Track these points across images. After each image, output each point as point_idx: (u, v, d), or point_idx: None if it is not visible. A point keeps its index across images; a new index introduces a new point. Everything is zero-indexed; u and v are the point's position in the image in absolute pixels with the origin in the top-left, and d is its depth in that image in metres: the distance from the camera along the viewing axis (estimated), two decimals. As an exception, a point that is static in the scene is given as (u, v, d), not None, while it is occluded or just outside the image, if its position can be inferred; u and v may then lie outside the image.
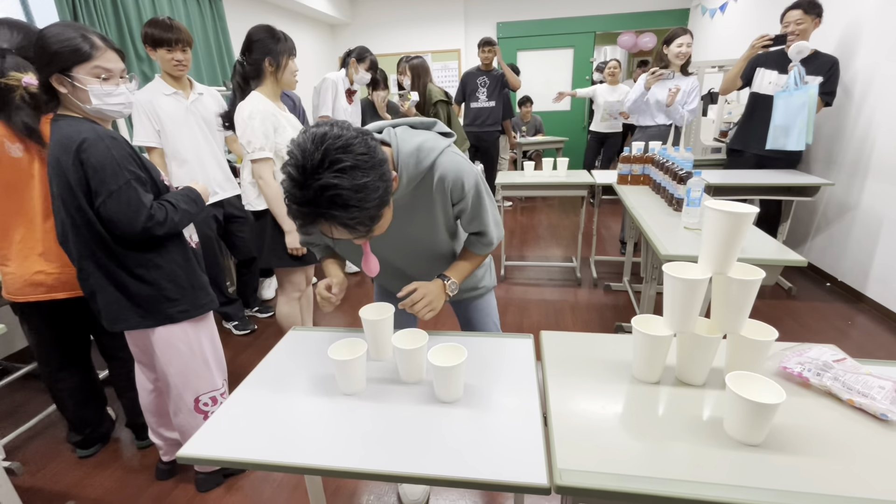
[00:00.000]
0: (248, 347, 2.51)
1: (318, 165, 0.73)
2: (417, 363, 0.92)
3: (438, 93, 3.17)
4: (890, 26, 2.50)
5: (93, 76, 1.17)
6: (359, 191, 0.75)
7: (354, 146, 0.75)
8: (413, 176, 0.94)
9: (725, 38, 4.58)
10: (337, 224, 0.78)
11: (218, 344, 1.50)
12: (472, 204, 1.03)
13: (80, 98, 1.18)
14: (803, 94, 2.47)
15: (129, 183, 1.19)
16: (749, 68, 2.79)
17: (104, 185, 1.16)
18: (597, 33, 5.90)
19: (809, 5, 2.50)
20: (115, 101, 1.22)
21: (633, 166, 2.64)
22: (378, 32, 6.24)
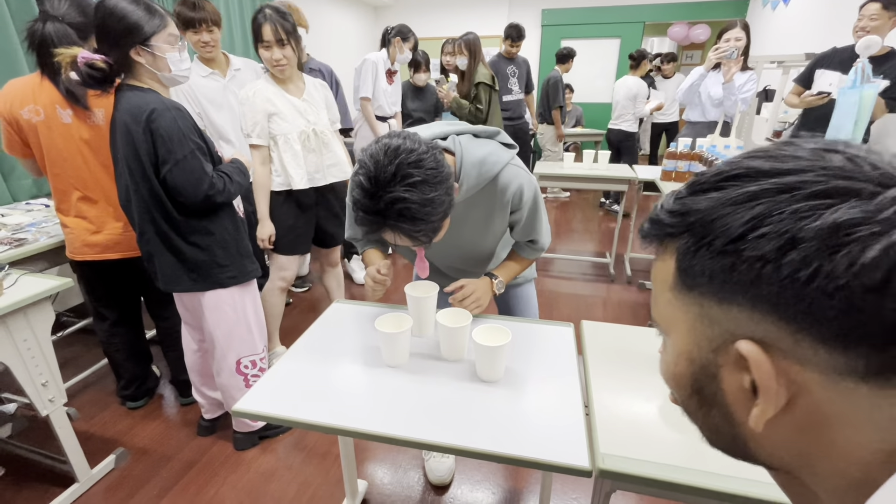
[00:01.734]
0: (283, 319, 2.59)
1: (390, 179, 0.75)
2: (460, 341, 0.93)
3: (485, 75, 3.01)
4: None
5: (167, 44, 1.22)
6: (426, 205, 0.77)
7: (425, 161, 0.78)
8: (473, 186, 0.96)
9: (787, 32, 4.33)
10: (402, 234, 0.81)
11: (260, 311, 1.56)
12: (528, 215, 1.06)
13: (158, 67, 1.23)
14: (856, 94, 2.28)
15: (194, 153, 1.25)
16: (808, 70, 2.62)
17: (171, 154, 1.22)
18: (646, 23, 5.68)
19: (889, 0, 2.32)
20: (185, 66, 1.29)
21: (678, 163, 2.56)
22: (421, 15, 6.20)
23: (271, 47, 1.63)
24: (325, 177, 1.86)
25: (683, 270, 0.31)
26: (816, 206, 0.24)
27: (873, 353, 0.24)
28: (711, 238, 0.28)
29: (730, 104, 2.79)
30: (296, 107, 1.73)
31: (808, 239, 0.24)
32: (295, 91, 1.76)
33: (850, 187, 0.25)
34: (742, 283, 0.27)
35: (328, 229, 2.01)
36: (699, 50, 7.45)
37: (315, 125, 1.78)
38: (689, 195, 0.30)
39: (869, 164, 0.26)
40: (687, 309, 0.31)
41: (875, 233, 0.23)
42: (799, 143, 0.29)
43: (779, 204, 0.25)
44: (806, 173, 0.26)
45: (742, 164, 0.29)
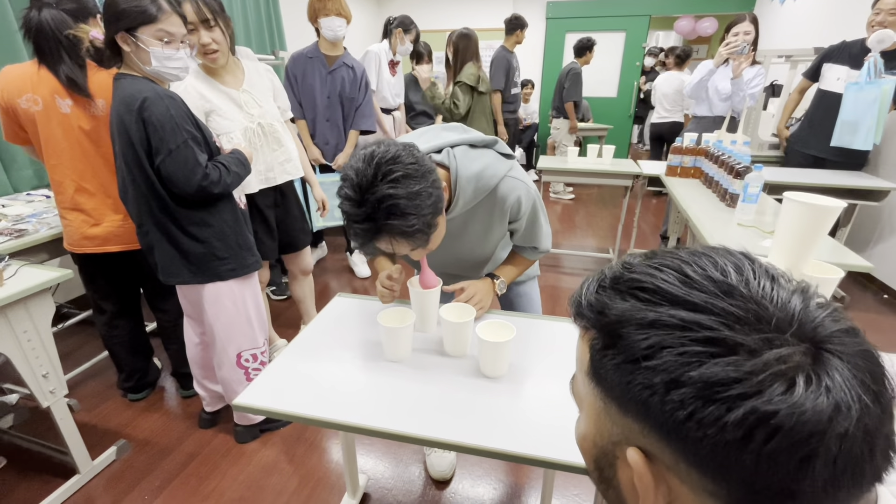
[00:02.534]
0: (285, 312, 2.59)
1: (371, 180, 0.75)
2: (464, 337, 0.92)
3: (469, 75, 2.83)
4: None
5: (156, 38, 1.20)
6: (413, 198, 0.76)
7: (402, 157, 0.78)
8: (469, 201, 0.95)
9: (796, 26, 4.27)
10: (396, 235, 0.79)
11: (261, 305, 1.56)
12: (526, 224, 1.05)
13: (140, 58, 1.22)
14: (876, 89, 2.24)
15: (187, 142, 1.23)
16: (816, 63, 2.58)
17: (164, 144, 1.20)
18: (652, 17, 5.61)
19: None
20: (174, 64, 1.26)
21: (683, 158, 2.53)
22: (425, 7, 6.13)
23: (197, 29, 1.41)
24: (280, 175, 1.74)
25: (594, 366, 0.33)
26: (702, 353, 0.27)
27: (734, 487, 0.27)
28: (615, 351, 0.31)
29: (738, 100, 2.76)
30: (234, 100, 1.57)
31: (688, 384, 0.27)
32: (232, 82, 1.58)
33: (735, 341, 0.27)
34: (635, 401, 0.30)
35: (291, 231, 1.89)
36: (706, 44, 7.37)
37: (260, 118, 1.63)
38: (610, 290, 0.33)
39: (768, 306, 0.28)
40: (595, 399, 0.34)
41: (742, 395, 0.25)
42: (712, 263, 0.31)
43: (673, 340, 0.28)
44: (703, 313, 0.28)
45: (655, 281, 0.31)
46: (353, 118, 2.54)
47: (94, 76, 1.41)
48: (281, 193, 1.83)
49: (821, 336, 0.27)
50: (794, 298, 0.29)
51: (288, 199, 1.86)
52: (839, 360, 0.26)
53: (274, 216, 1.83)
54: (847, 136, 2.40)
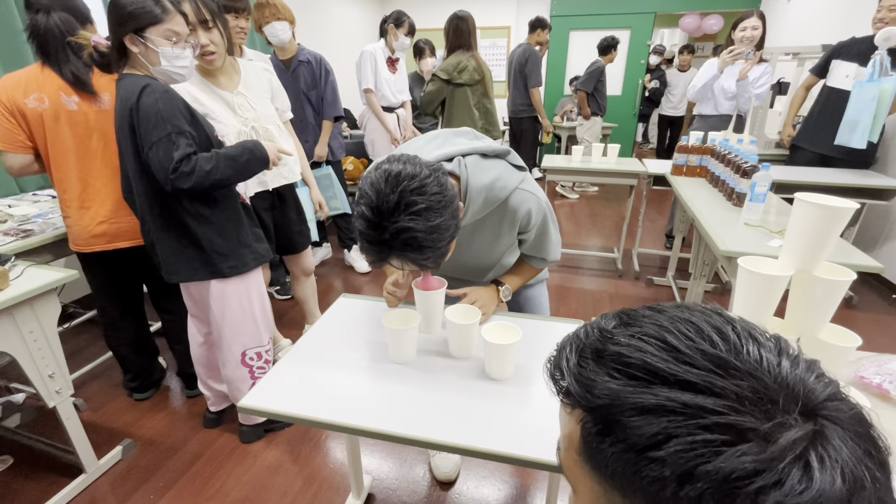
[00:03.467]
0: (289, 312, 2.60)
1: (393, 209, 0.73)
2: (469, 339, 0.91)
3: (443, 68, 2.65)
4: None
5: (164, 38, 1.21)
6: (432, 232, 0.75)
7: (428, 187, 0.75)
8: (478, 212, 0.95)
9: (803, 24, 4.23)
10: (409, 262, 0.78)
11: (266, 303, 1.55)
12: (536, 235, 1.05)
13: (149, 59, 1.22)
14: (875, 88, 2.21)
15: (169, 136, 1.18)
16: (824, 60, 2.55)
17: (147, 137, 1.19)
18: (657, 14, 5.58)
19: None
20: (181, 63, 1.27)
21: (689, 156, 2.51)
22: (427, 5, 6.12)
23: (195, 30, 1.40)
24: (274, 178, 1.72)
25: (589, 449, 0.31)
26: (712, 441, 0.25)
27: None
28: (614, 439, 0.29)
29: (743, 100, 2.74)
30: (228, 103, 1.55)
31: (703, 478, 0.25)
32: (227, 84, 1.56)
33: (745, 426, 0.25)
34: (644, 492, 0.27)
35: (288, 234, 1.89)
36: (711, 42, 7.31)
37: (255, 122, 1.60)
38: (593, 362, 0.31)
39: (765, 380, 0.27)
40: (591, 483, 0.32)
41: (764, 488, 0.24)
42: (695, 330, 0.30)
43: (679, 428, 0.26)
44: (704, 395, 0.27)
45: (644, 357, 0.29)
46: (322, 110, 2.58)
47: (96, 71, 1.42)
48: (279, 196, 1.83)
49: (814, 404, 0.27)
50: (783, 363, 0.28)
51: (286, 203, 1.86)
52: (840, 430, 0.26)
53: (271, 219, 1.83)
54: (846, 135, 2.37)
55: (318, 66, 2.52)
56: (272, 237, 1.85)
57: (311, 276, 2.08)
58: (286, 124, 1.84)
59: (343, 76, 3.15)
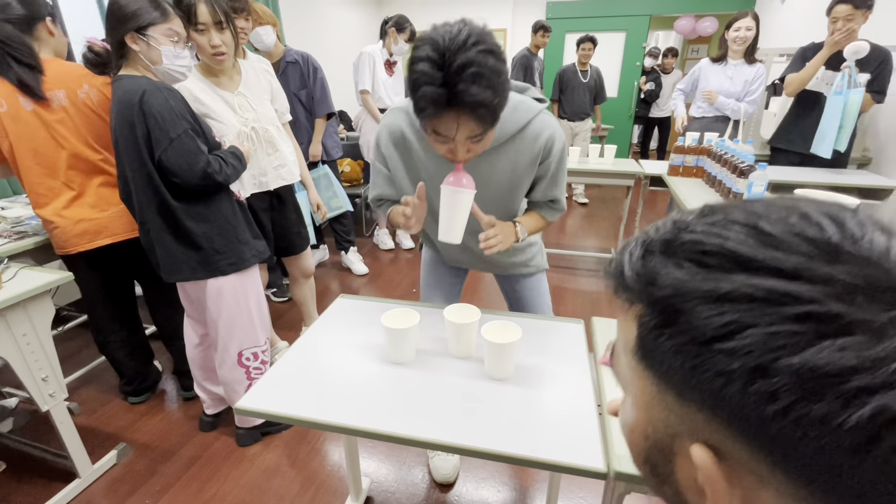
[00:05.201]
0: (286, 314, 2.58)
1: (461, 44, 0.73)
2: (468, 338, 0.91)
3: None
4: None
5: (166, 37, 1.22)
6: (498, 75, 0.76)
7: (491, 36, 0.78)
8: (502, 134, 0.94)
9: (796, 25, 4.26)
10: (468, 108, 0.76)
11: (263, 302, 1.54)
12: (554, 167, 1.04)
13: (151, 58, 1.23)
14: (841, 100, 2.27)
15: (188, 132, 1.23)
16: (797, 63, 2.58)
17: (165, 134, 1.20)
18: (652, 16, 5.61)
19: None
20: (182, 63, 1.28)
21: (686, 157, 2.52)
22: (423, 7, 6.13)
23: (208, 31, 1.40)
24: (273, 180, 1.71)
25: (644, 346, 0.27)
26: (802, 333, 0.21)
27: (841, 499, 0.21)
28: (675, 330, 0.25)
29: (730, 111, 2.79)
30: (229, 103, 1.55)
31: (783, 372, 0.21)
32: (228, 84, 1.56)
33: (852, 318, 0.20)
34: (702, 390, 0.24)
35: (287, 236, 1.88)
36: (706, 44, 7.37)
37: (255, 122, 1.60)
38: (660, 255, 0.27)
39: (889, 268, 0.21)
40: (646, 384, 0.28)
41: (866, 388, 0.19)
42: (797, 212, 0.24)
43: (758, 316, 0.22)
44: (799, 282, 0.22)
45: (725, 243, 0.24)
46: (313, 108, 2.56)
47: (50, 68, 1.39)
48: (277, 198, 1.82)
49: None
50: None
51: (285, 204, 1.85)
52: None
53: (269, 220, 1.82)
54: (818, 144, 2.44)
55: (306, 64, 2.49)
56: (271, 238, 1.84)
57: (310, 277, 2.07)
58: (285, 126, 1.84)
59: (338, 76, 3.15)
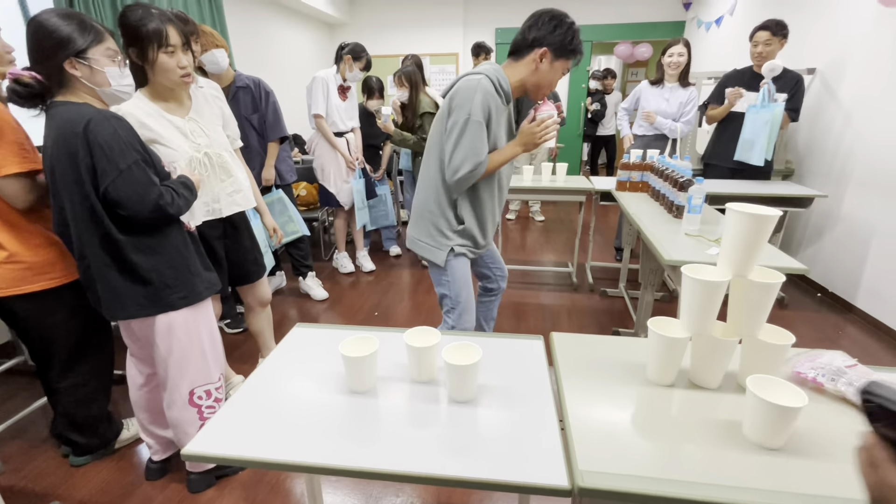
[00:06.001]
0: (241, 346, 2.46)
1: None
2: (429, 362, 0.90)
3: (428, 104, 3.03)
4: (875, 47, 2.57)
5: (107, 58, 1.17)
6: None
7: None
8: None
9: (722, 51, 4.66)
10: None
11: (216, 336, 1.47)
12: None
13: (96, 81, 1.18)
14: (768, 113, 2.53)
15: (138, 162, 1.17)
16: (719, 89, 2.87)
17: (113, 165, 1.13)
18: (594, 42, 5.96)
19: (776, 26, 2.59)
20: (126, 82, 1.24)
21: (631, 173, 2.66)
22: (377, 33, 6.22)
23: (177, 52, 1.36)
24: (228, 206, 1.65)
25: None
26: None
27: None
28: None
29: (667, 130, 3.01)
30: (179, 129, 1.49)
31: None
32: (178, 110, 1.50)
33: None
34: None
35: (243, 264, 1.80)
36: (643, 67, 7.89)
37: (208, 148, 1.55)
38: None
39: None
40: None
41: None
42: None
43: None
44: None
45: None
46: (265, 132, 2.55)
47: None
48: (231, 225, 1.75)
49: None
50: None
51: (239, 231, 1.78)
52: None
53: (223, 248, 1.74)
54: (746, 153, 2.68)
55: (258, 89, 2.49)
56: (224, 268, 1.76)
57: (267, 306, 2.00)
58: (237, 152, 1.80)
59: (291, 100, 3.14)
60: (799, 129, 3.26)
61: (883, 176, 2.54)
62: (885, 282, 2.53)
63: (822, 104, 3.05)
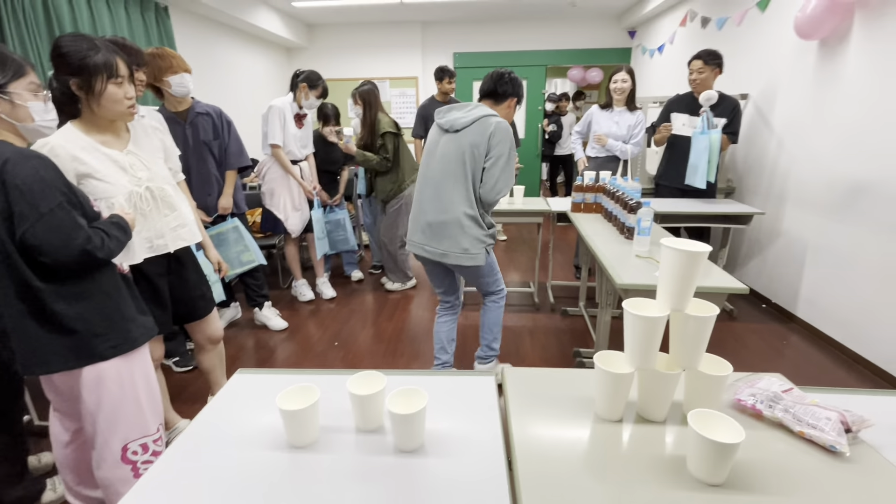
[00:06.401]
0: (190, 385, 2.32)
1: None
2: (374, 409, 0.86)
3: (388, 124, 3.07)
4: (798, 75, 2.79)
5: (30, 92, 1.11)
6: None
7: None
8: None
9: (664, 76, 4.94)
10: None
11: (153, 383, 1.36)
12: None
13: (17, 117, 1.11)
14: (706, 139, 2.71)
15: (62, 205, 1.09)
16: (664, 113, 3.04)
17: (33, 208, 1.05)
18: (548, 67, 6.20)
19: (708, 56, 2.79)
20: (50, 116, 1.19)
21: (585, 195, 2.74)
22: (335, 57, 6.23)
23: (125, 83, 1.34)
24: (172, 241, 1.57)
25: None
26: None
27: None
28: None
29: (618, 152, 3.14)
30: (118, 162, 1.41)
31: None
32: (115, 143, 1.43)
33: None
34: None
35: (188, 300, 1.71)
36: (595, 90, 8.26)
37: (149, 182, 1.47)
38: None
39: None
40: None
41: None
42: None
43: None
44: None
45: None
46: (226, 160, 2.52)
47: None
48: (175, 260, 1.66)
49: None
50: None
51: (184, 266, 1.70)
52: None
53: (167, 285, 1.65)
54: (692, 177, 2.84)
55: (220, 118, 2.48)
56: (168, 306, 1.66)
57: (218, 343, 1.89)
58: (181, 184, 1.74)
59: (249, 124, 3.08)
60: (738, 151, 3.47)
61: (813, 194, 2.73)
62: (819, 293, 2.69)
63: (757, 127, 3.26)
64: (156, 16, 3.54)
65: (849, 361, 2.44)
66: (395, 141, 3.09)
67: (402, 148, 3.16)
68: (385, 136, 3.05)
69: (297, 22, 5.76)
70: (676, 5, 4.61)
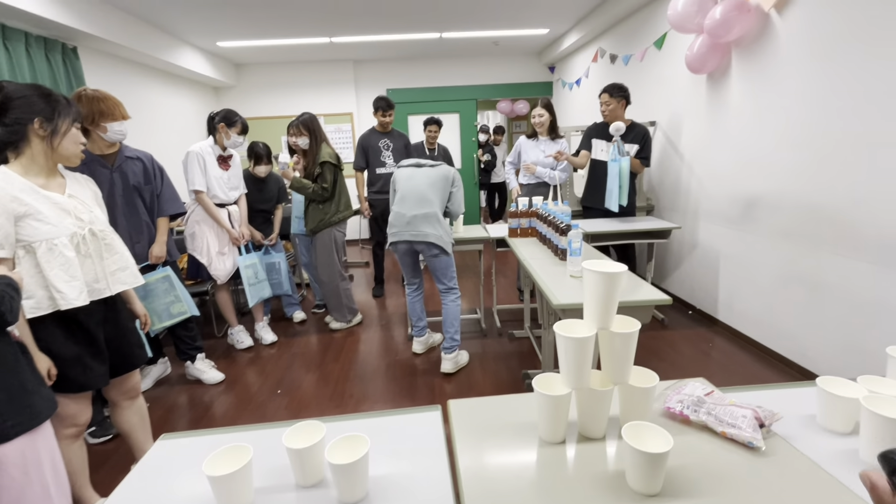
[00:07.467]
0: (111, 457, 2.08)
1: None
2: (313, 463, 0.82)
3: (329, 154, 3.03)
4: (694, 104, 3.15)
5: None
6: None
7: None
8: None
9: (582, 107, 5.35)
10: None
11: (59, 462, 1.22)
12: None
13: None
14: (616, 166, 2.97)
15: None
16: (586, 140, 3.30)
17: None
18: (478, 100, 6.50)
19: (614, 89, 3.10)
20: None
21: (520, 220, 2.85)
22: (267, 95, 6.15)
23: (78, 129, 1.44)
24: (112, 285, 1.52)
25: None
26: None
27: None
28: None
29: (548, 178, 3.34)
30: (59, 204, 1.39)
31: None
32: (54, 187, 1.42)
33: None
34: None
35: (124, 348, 1.63)
36: (524, 121, 8.75)
37: (91, 224, 1.46)
38: None
39: None
40: None
41: None
42: None
43: None
44: None
45: None
46: (157, 206, 2.40)
47: None
48: (110, 306, 1.56)
49: None
50: None
51: (118, 312, 1.60)
52: None
53: (102, 334, 1.53)
54: (609, 201, 3.08)
55: (151, 164, 2.36)
56: (106, 357, 1.55)
57: (137, 398, 1.75)
58: None
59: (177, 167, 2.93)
60: (654, 172, 3.80)
61: (719, 208, 3.04)
62: (734, 296, 2.96)
63: (667, 151, 3.60)
64: (63, 56, 3.32)
65: (765, 357, 2.68)
66: (333, 172, 3.06)
67: (340, 181, 3.14)
68: (324, 165, 3.01)
69: (223, 61, 5.64)
70: (587, 44, 5.06)
